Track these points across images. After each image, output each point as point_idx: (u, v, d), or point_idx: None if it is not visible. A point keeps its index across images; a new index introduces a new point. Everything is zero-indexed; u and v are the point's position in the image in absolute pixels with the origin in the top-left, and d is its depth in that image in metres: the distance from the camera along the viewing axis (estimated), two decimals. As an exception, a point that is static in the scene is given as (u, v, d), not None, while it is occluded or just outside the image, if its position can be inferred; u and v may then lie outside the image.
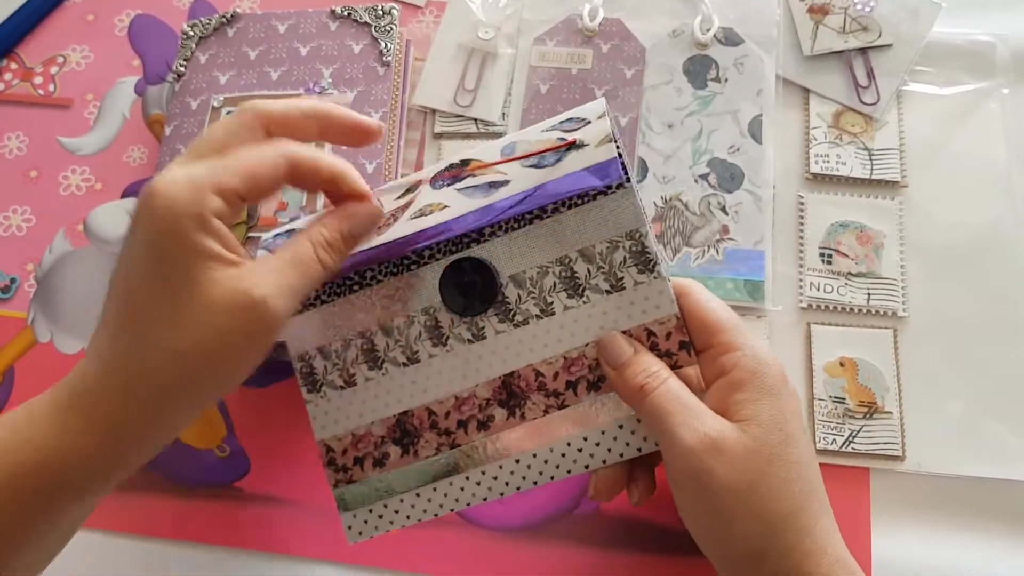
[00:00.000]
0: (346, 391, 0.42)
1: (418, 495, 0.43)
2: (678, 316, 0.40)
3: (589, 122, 0.41)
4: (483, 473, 0.42)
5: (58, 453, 0.34)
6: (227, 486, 0.53)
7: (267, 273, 0.35)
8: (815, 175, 0.57)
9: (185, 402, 0.35)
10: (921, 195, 0.56)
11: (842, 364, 0.52)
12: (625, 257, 0.40)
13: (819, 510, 0.37)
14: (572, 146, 0.41)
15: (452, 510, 0.43)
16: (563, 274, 0.41)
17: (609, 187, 0.40)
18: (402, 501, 0.43)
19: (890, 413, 0.51)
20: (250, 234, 0.55)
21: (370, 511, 0.43)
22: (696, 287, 0.40)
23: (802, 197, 0.57)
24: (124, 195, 0.62)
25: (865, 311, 0.53)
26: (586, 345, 0.41)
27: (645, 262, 0.40)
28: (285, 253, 0.36)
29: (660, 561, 0.49)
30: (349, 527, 0.44)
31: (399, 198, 0.43)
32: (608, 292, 0.41)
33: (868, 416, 0.51)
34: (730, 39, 0.60)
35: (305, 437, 0.53)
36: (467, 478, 0.42)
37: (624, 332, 0.41)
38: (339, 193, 0.39)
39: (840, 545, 0.38)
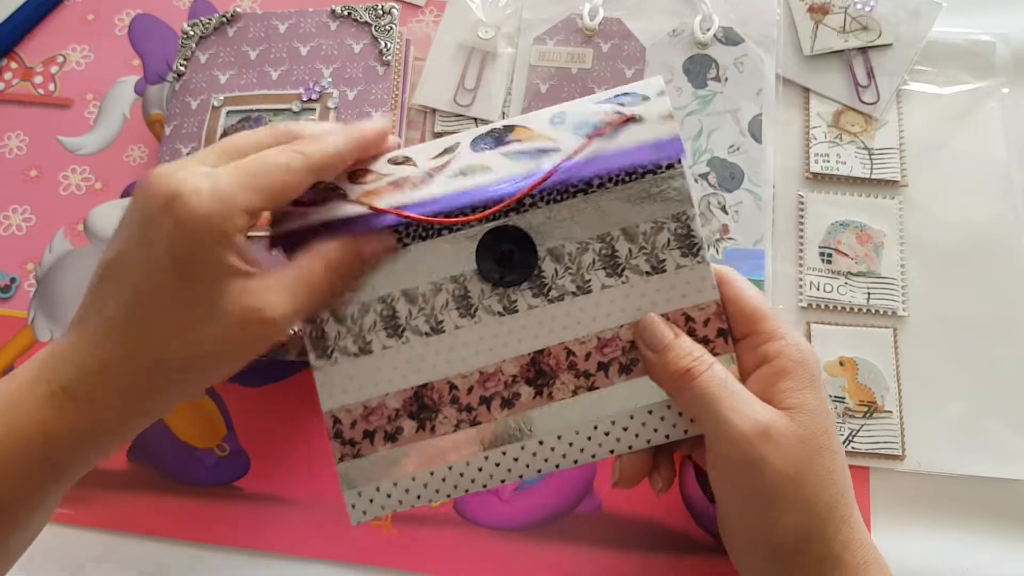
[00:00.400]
0: (360, 358, 0.40)
1: (432, 474, 0.41)
2: (718, 303, 0.39)
3: (648, 98, 0.40)
4: (503, 454, 0.40)
5: (46, 434, 0.35)
6: (227, 486, 0.53)
7: (279, 292, 0.36)
8: (815, 174, 0.57)
9: (180, 398, 0.37)
10: (921, 194, 0.56)
11: (842, 363, 0.52)
12: (669, 239, 0.40)
13: (853, 501, 0.38)
14: (631, 120, 0.39)
15: (466, 491, 0.41)
16: (603, 251, 0.40)
17: (667, 165, 0.39)
18: (413, 480, 0.41)
19: (890, 412, 0.51)
20: (251, 233, 0.55)
21: (377, 489, 0.41)
22: (734, 275, 0.40)
23: (802, 196, 0.57)
24: (124, 195, 0.62)
25: (865, 310, 0.53)
26: (621, 326, 0.40)
27: (689, 245, 0.40)
28: (298, 271, 0.37)
29: (660, 560, 0.49)
30: (353, 506, 0.41)
31: (436, 157, 0.41)
32: (648, 273, 0.40)
33: (868, 415, 0.51)
34: (730, 38, 0.60)
35: (305, 437, 0.53)
36: (486, 458, 0.40)
37: (662, 315, 0.40)
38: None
39: (867, 534, 0.38)
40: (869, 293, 0.54)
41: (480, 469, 0.40)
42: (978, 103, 0.58)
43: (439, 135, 0.60)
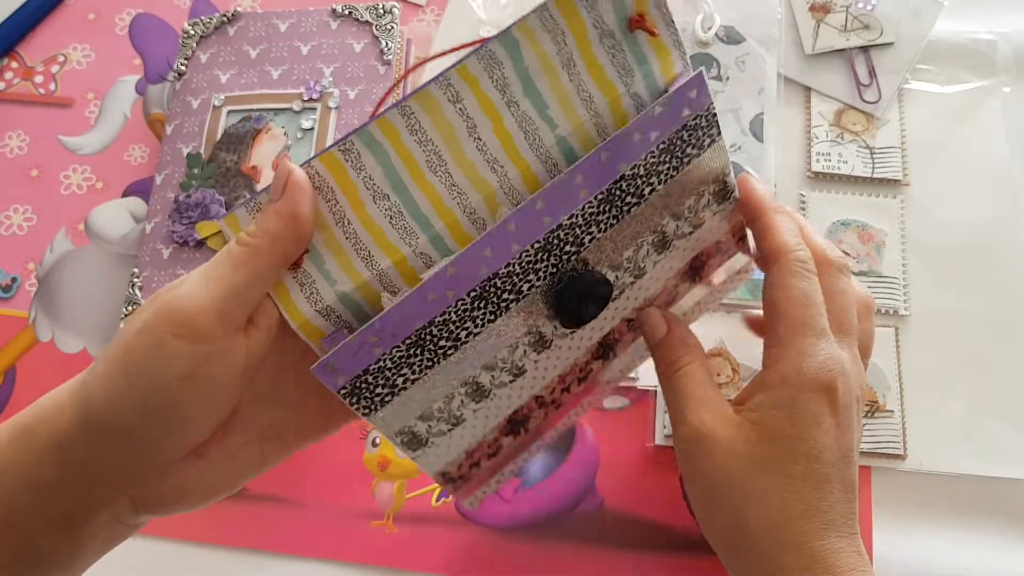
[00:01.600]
0: (455, 430, 0.38)
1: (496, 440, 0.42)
2: (742, 222, 0.41)
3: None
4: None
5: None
6: (228, 485, 0.53)
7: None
8: (816, 173, 0.57)
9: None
10: (923, 193, 0.56)
11: (843, 363, 0.52)
12: (709, 199, 0.39)
13: (819, 531, 0.34)
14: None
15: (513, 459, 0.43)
16: (655, 240, 0.39)
17: (703, 133, 0.36)
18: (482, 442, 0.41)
19: (891, 412, 0.51)
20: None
21: (484, 492, 0.44)
22: (783, 275, 0.37)
23: (803, 195, 0.57)
24: (125, 194, 0.62)
25: (866, 310, 0.53)
26: (668, 280, 0.40)
27: (724, 194, 0.39)
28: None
29: (660, 559, 0.49)
30: (470, 504, 0.44)
31: None
32: (690, 234, 0.39)
33: (869, 415, 0.51)
34: (731, 37, 0.60)
35: (306, 436, 0.53)
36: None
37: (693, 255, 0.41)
38: None
39: (850, 571, 0.34)
40: (871, 293, 0.53)
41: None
42: (980, 102, 0.58)
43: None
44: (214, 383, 0.32)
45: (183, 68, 0.61)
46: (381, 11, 0.60)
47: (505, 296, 0.35)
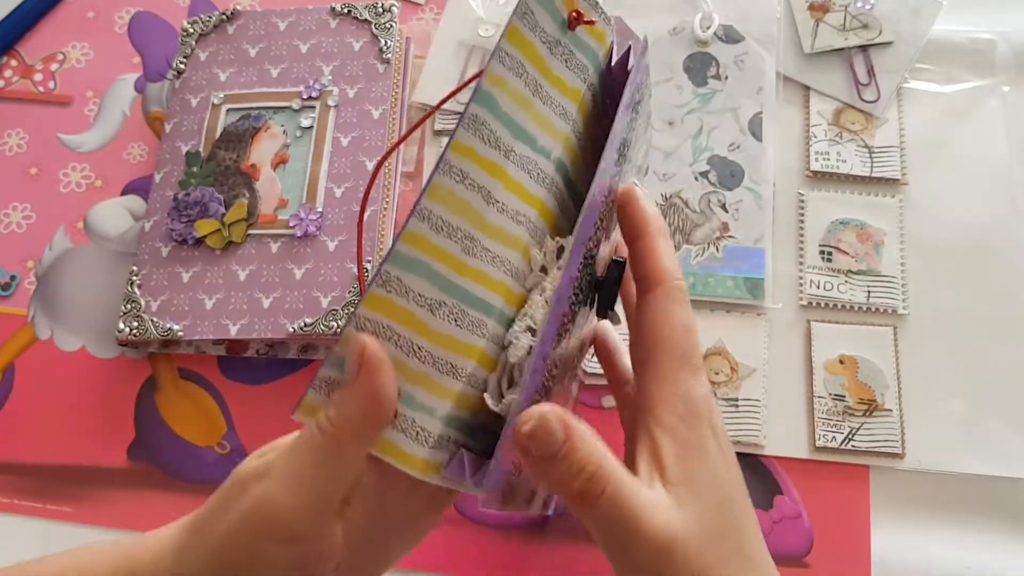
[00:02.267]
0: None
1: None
2: None
3: None
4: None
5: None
6: (227, 483, 0.53)
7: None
8: (815, 172, 0.57)
9: None
10: (921, 193, 0.56)
11: (842, 361, 0.52)
12: None
13: (757, 556, 0.34)
14: None
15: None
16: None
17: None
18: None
19: (890, 411, 0.51)
20: (250, 231, 0.55)
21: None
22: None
23: (802, 195, 0.57)
24: (124, 192, 0.62)
25: (865, 308, 0.53)
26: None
27: None
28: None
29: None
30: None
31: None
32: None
33: (868, 414, 0.51)
34: (730, 36, 0.60)
35: (305, 434, 0.53)
36: None
37: None
38: None
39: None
40: (869, 291, 0.54)
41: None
42: (979, 101, 0.58)
43: (439, 133, 0.60)
44: (315, 569, 0.32)
45: (182, 66, 0.61)
46: (380, 10, 0.60)
47: (567, 326, 0.35)
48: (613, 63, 0.37)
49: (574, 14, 0.34)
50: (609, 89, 0.38)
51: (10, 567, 0.36)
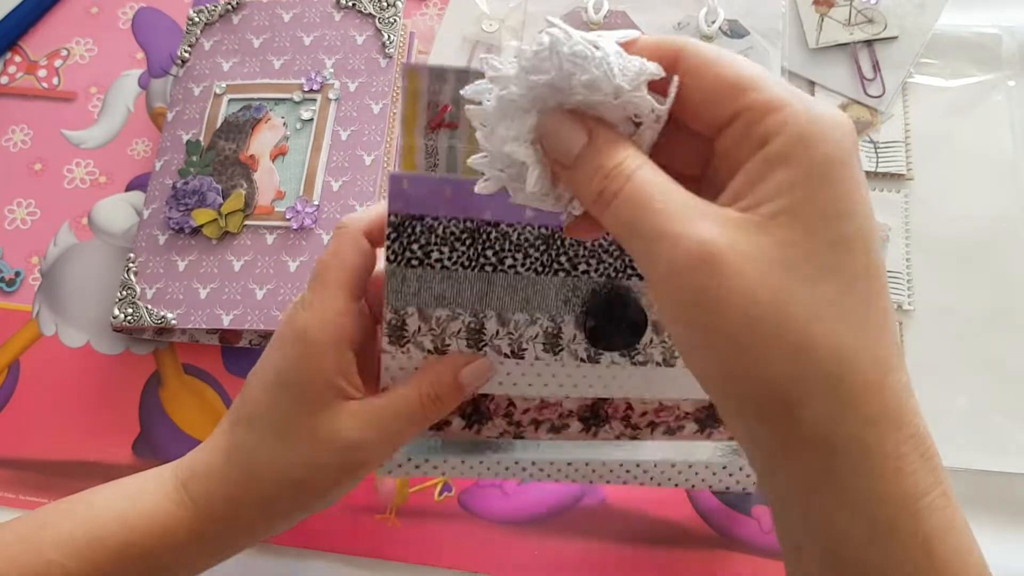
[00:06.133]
0: (432, 356, 0.38)
1: (463, 461, 0.43)
2: None
3: None
4: (532, 463, 0.43)
5: (164, 530, 0.37)
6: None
7: (367, 419, 0.37)
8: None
9: (278, 520, 0.38)
10: (927, 188, 0.56)
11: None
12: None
13: (887, 355, 0.25)
14: None
15: (488, 477, 0.44)
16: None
17: None
18: (445, 461, 0.43)
19: (895, 406, 0.51)
20: (246, 222, 0.55)
21: (408, 459, 0.43)
22: (698, 44, 0.27)
23: (807, 190, 0.56)
24: (128, 188, 0.62)
25: (870, 304, 0.53)
26: (686, 400, 0.40)
27: None
28: (393, 400, 0.37)
29: (663, 554, 0.49)
30: (382, 464, 0.42)
31: None
32: (660, 364, 0.39)
33: (873, 409, 0.51)
34: (735, 31, 0.60)
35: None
36: (516, 462, 0.43)
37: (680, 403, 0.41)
38: None
39: (921, 417, 0.25)
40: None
41: (507, 469, 0.43)
42: (984, 96, 0.58)
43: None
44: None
45: (186, 55, 0.61)
46: (385, 4, 0.60)
47: (561, 260, 0.36)
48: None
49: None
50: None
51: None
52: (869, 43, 0.60)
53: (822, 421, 0.24)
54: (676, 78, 0.26)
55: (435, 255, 0.36)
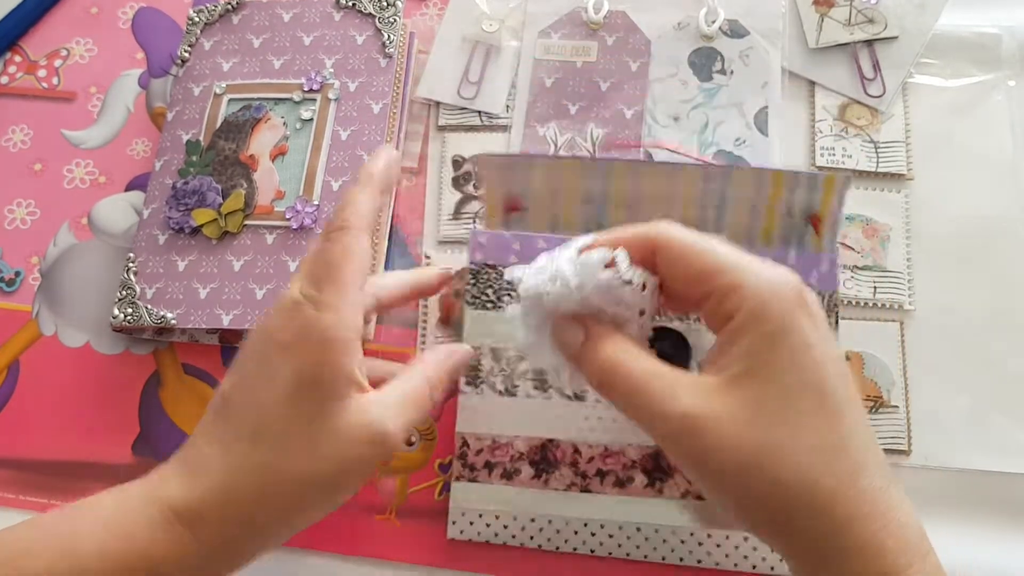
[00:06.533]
0: (504, 398, 0.41)
1: (532, 521, 0.46)
2: None
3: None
4: (601, 527, 0.45)
5: (164, 565, 0.34)
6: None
7: (391, 406, 0.37)
8: (821, 168, 0.57)
9: (297, 524, 0.37)
10: (927, 188, 0.56)
11: (848, 358, 0.52)
12: None
13: (851, 469, 0.31)
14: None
15: (557, 549, 0.46)
16: None
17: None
18: (514, 519, 0.46)
19: (896, 407, 0.51)
20: (246, 222, 0.55)
21: (480, 516, 0.46)
22: (671, 232, 0.33)
23: (807, 190, 0.56)
24: (128, 188, 0.62)
25: (871, 304, 0.53)
26: None
27: None
28: (406, 387, 0.38)
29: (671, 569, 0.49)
30: (454, 522, 0.47)
31: None
32: None
33: (874, 410, 0.51)
34: (735, 31, 0.60)
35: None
36: (584, 525, 0.45)
37: None
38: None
39: (899, 510, 0.31)
40: (875, 287, 0.53)
41: (576, 532, 0.45)
42: (984, 96, 0.58)
43: (443, 128, 0.60)
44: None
45: (186, 55, 0.61)
46: (384, 4, 0.60)
47: None
48: None
49: (815, 217, 0.48)
50: None
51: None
52: (869, 43, 0.59)
53: (808, 530, 0.30)
54: (654, 280, 0.34)
55: (506, 299, 0.40)
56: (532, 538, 0.47)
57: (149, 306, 0.54)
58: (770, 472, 0.30)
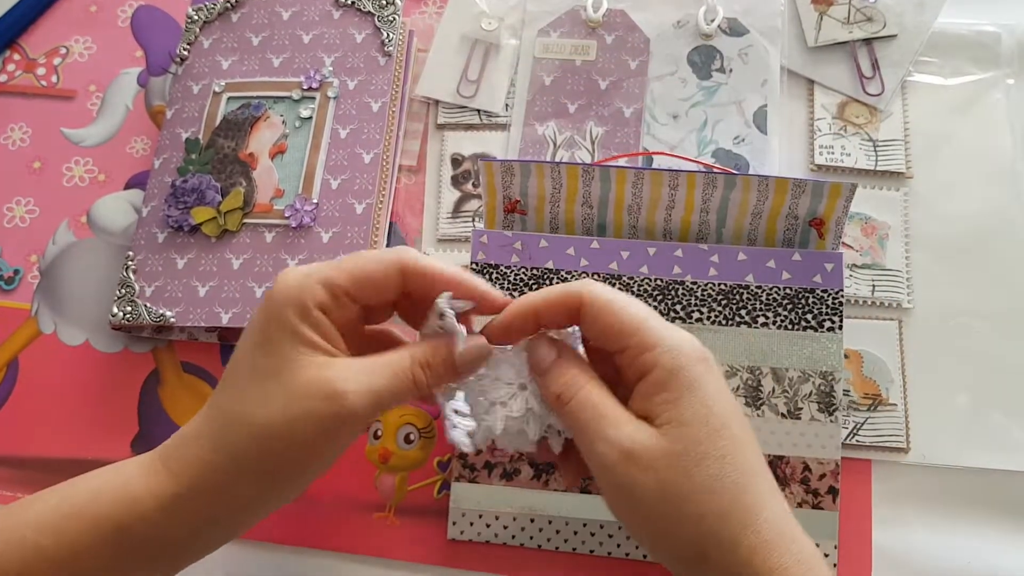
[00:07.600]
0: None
1: (532, 521, 0.47)
2: (838, 462, 0.45)
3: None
4: (601, 527, 0.47)
5: (133, 500, 0.36)
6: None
7: (357, 370, 0.36)
8: (820, 166, 0.57)
9: (257, 480, 0.36)
10: (926, 186, 0.56)
11: (847, 356, 0.52)
12: (811, 391, 0.45)
13: (760, 501, 0.35)
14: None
15: (556, 549, 0.47)
16: (749, 383, 0.46)
17: (828, 328, 0.46)
18: (514, 520, 0.47)
19: (894, 405, 0.51)
20: (245, 220, 0.55)
21: (480, 516, 0.47)
22: (594, 291, 0.38)
23: (806, 188, 0.56)
24: (127, 186, 0.62)
25: (870, 303, 0.53)
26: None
27: (828, 404, 0.46)
28: (383, 357, 0.37)
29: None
30: (454, 523, 0.48)
31: None
32: (783, 416, 0.46)
33: (872, 408, 0.51)
34: (735, 29, 0.60)
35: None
36: (584, 525, 0.47)
37: (782, 458, 0.45)
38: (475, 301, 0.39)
39: (793, 533, 0.35)
40: (874, 285, 0.53)
41: (575, 533, 0.47)
42: (983, 94, 0.58)
43: (442, 126, 0.60)
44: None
45: (185, 53, 0.61)
46: (384, 2, 0.60)
47: None
48: None
49: (818, 221, 0.49)
50: None
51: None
52: (868, 41, 0.59)
53: (719, 562, 0.34)
54: (577, 338, 0.39)
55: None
56: (532, 538, 0.47)
57: (148, 304, 0.54)
58: (689, 507, 0.34)
